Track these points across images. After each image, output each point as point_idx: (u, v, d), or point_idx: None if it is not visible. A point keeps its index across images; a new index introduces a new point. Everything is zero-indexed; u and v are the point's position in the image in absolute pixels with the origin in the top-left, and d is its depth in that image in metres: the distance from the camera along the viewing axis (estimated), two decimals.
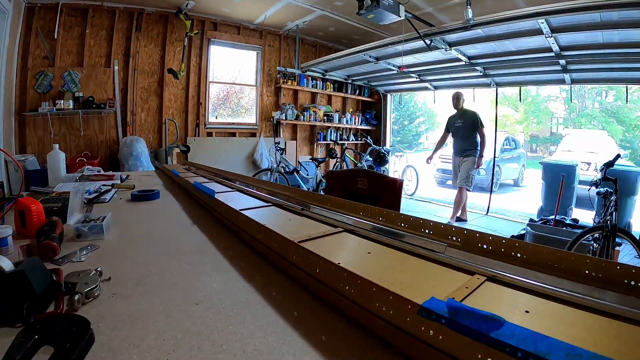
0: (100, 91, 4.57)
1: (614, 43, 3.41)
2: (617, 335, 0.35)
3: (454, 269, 0.53)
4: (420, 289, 0.47)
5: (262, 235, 0.65)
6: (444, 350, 0.31)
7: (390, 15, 3.15)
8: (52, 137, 4.21)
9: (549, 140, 16.60)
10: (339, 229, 0.74)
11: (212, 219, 0.94)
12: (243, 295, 0.50)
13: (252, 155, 5.76)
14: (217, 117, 5.79)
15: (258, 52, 5.91)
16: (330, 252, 0.63)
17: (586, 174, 5.59)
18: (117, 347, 0.38)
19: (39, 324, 0.38)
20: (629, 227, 4.03)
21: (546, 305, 0.42)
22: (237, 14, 5.26)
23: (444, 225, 0.64)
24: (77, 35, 4.42)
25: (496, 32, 3.79)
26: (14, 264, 0.46)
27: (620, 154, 2.90)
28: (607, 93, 14.21)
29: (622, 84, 4.89)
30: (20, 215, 0.78)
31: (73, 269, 0.56)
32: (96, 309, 0.46)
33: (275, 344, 0.38)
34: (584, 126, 13.97)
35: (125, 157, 4.38)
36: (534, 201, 5.14)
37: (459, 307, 0.31)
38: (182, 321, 0.43)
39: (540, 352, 0.25)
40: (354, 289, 0.42)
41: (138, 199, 1.21)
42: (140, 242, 0.77)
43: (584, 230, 2.74)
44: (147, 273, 0.58)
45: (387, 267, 0.56)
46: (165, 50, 5.03)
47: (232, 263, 0.62)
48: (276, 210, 0.95)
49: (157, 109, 5.09)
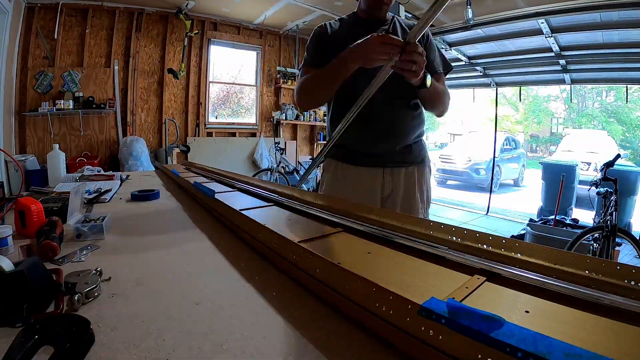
0: (100, 91, 4.58)
1: (614, 43, 3.41)
2: (617, 335, 0.35)
3: (454, 269, 0.53)
4: (420, 289, 0.47)
5: (262, 235, 0.65)
6: (444, 350, 0.31)
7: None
8: (52, 137, 4.21)
9: (549, 140, 16.61)
10: (339, 229, 0.74)
11: (212, 219, 0.94)
12: (243, 295, 0.50)
13: (252, 155, 5.77)
14: (217, 117, 5.80)
15: (258, 52, 5.92)
16: (330, 252, 0.63)
17: (586, 174, 5.59)
18: (117, 347, 0.38)
19: (39, 324, 0.38)
20: (629, 227, 4.04)
21: (546, 305, 0.42)
22: (237, 14, 5.27)
23: (444, 225, 0.64)
24: (77, 35, 4.42)
25: (496, 32, 3.79)
26: (14, 264, 0.46)
27: (620, 154, 2.90)
28: (607, 93, 14.22)
29: (622, 84, 4.90)
30: (20, 215, 0.78)
31: (73, 269, 0.56)
32: (96, 309, 0.46)
33: (276, 344, 0.38)
34: (584, 126, 13.98)
35: (125, 157, 4.39)
36: (534, 201, 5.14)
37: (459, 307, 0.31)
38: (182, 321, 0.43)
39: (540, 352, 0.25)
40: (354, 289, 0.42)
41: (138, 199, 1.21)
42: (140, 242, 0.77)
43: (584, 230, 2.75)
44: (147, 273, 0.58)
45: (387, 267, 0.56)
46: (165, 50, 5.03)
47: (232, 263, 0.62)
48: (276, 210, 0.95)
49: (157, 109, 5.10)
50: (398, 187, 1.17)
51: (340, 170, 1.21)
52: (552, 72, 4.43)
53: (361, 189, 1.15)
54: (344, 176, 1.19)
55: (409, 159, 1.18)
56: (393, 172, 1.17)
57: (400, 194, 1.17)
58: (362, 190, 1.15)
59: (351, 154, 1.19)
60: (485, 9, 3.42)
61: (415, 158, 1.20)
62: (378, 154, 1.16)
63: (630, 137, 13.21)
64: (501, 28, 3.59)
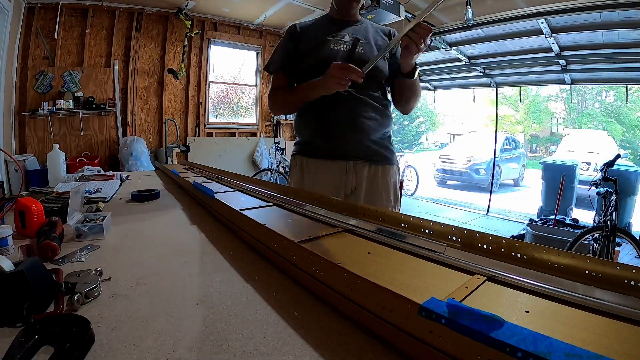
0: (100, 91, 4.58)
1: (614, 43, 3.41)
2: (617, 335, 0.35)
3: (453, 269, 0.53)
4: (420, 289, 0.47)
5: (262, 235, 0.65)
6: (444, 350, 0.31)
7: (390, 15, 3.15)
8: (52, 137, 4.21)
9: (549, 140, 16.62)
10: (339, 229, 0.74)
11: (212, 219, 0.94)
12: (243, 295, 0.50)
13: (252, 155, 5.77)
14: (217, 117, 5.80)
15: (258, 52, 5.92)
16: (330, 252, 0.63)
17: (586, 174, 5.59)
18: (117, 347, 0.38)
19: (39, 324, 0.38)
20: (629, 227, 4.04)
21: (546, 305, 0.42)
22: (237, 14, 5.27)
23: (444, 225, 0.64)
24: (77, 35, 4.42)
25: (496, 32, 3.79)
26: (14, 264, 0.46)
27: (620, 154, 2.90)
28: (607, 93, 14.22)
29: (622, 84, 4.90)
30: (20, 215, 0.78)
31: (73, 269, 0.56)
32: (96, 309, 0.46)
33: (276, 343, 0.38)
34: (584, 126, 13.98)
35: (125, 157, 4.39)
36: (534, 201, 5.15)
37: (459, 307, 0.31)
38: (182, 321, 0.43)
39: (540, 352, 0.25)
40: (354, 289, 0.42)
41: (138, 199, 1.21)
42: (140, 242, 0.77)
43: (584, 230, 2.75)
44: (147, 273, 0.58)
45: (387, 267, 0.56)
46: (165, 50, 5.03)
47: (232, 263, 0.62)
48: (276, 210, 0.95)
49: (157, 109, 5.10)
50: (361, 184, 1.16)
51: (305, 165, 1.21)
52: (552, 72, 4.43)
53: (325, 185, 1.15)
54: (309, 172, 1.20)
55: (373, 157, 1.17)
56: (357, 169, 1.15)
57: (363, 191, 1.16)
58: (326, 186, 1.14)
59: (315, 148, 1.19)
60: (485, 9, 3.42)
61: (380, 156, 1.18)
62: (340, 148, 1.15)
63: (630, 137, 13.21)
64: (501, 28, 3.59)
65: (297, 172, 1.24)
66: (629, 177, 3.96)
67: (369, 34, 1.19)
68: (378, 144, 1.18)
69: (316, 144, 1.19)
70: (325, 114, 1.14)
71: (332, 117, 1.13)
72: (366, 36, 1.18)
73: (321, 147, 1.17)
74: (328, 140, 1.16)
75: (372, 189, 1.17)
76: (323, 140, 1.17)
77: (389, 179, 1.20)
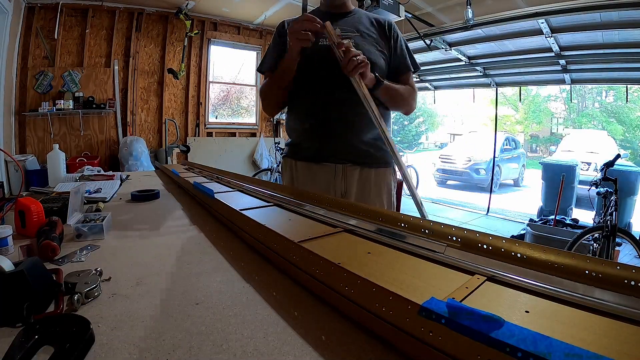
0: (100, 91, 4.58)
1: (614, 43, 3.41)
2: (617, 335, 0.35)
3: (453, 269, 0.53)
4: (420, 289, 0.47)
5: (262, 235, 0.65)
6: (444, 350, 0.31)
7: (390, 15, 3.15)
8: (52, 137, 4.21)
9: (549, 140, 16.61)
10: (339, 229, 0.74)
11: (212, 219, 0.94)
12: (243, 295, 0.50)
13: (252, 155, 5.77)
14: (217, 117, 5.80)
15: (258, 52, 5.92)
16: (330, 252, 0.63)
17: (586, 174, 5.60)
18: (117, 347, 0.38)
19: (39, 324, 0.38)
20: (629, 227, 4.04)
21: (546, 305, 0.42)
22: (237, 14, 5.27)
23: (444, 225, 0.64)
24: (77, 35, 4.42)
25: (496, 32, 3.79)
26: (14, 264, 0.46)
27: (620, 154, 2.90)
28: (607, 93, 14.22)
29: (622, 84, 4.90)
30: (20, 215, 0.78)
31: (73, 269, 0.56)
32: (96, 309, 0.46)
33: (276, 343, 0.38)
34: (584, 126, 13.98)
35: (125, 157, 4.39)
36: (534, 201, 5.15)
37: (459, 307, 0.31)
38: (182, 321, 0.43)
39: (540, 352, 0.25)
40: (354, 289, 0.42)
41: (138, 199, 1.21)
42: (140, 242, 0.77)
43: (584, 230, 2.75)
44: (147, 273, 0.58)
45: (387, 267, 0.56)
46: (165, 50, 5.03)
47: (232, 263, 0.62)
48: (276, 210, 0.95)
49: (157, 109, 5.10)
50: (351, 188, 1.11)
51: (294, 168, 1.19)
52: (552, 72, 4.43)
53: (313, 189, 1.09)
54: (297, 175, 1.18)
55: (364, 160, 1.12)
56: (346, 172, 1.11)
57: (354, 195, 1.11)
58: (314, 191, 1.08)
59: (302, 150, 1.16)
60: (485, 9, 3.43)
61: (371, 158, 1.12)
62: (328, 150, 1.11)
63: (630, 137, 13.21)
64: (501, 28, 3.59)
65: (287, 175, 1.22)
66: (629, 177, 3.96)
67: (361, 25, 1.13)
68: (369, 144, 1.11)
69: (304, 145, 1.16)
70: (315, 114, 1.10)
71: (321, 115, 1.09)
72: (358, 28, 1.12)
73: (309, 149, 1.14)
74: (315, 141, 1.12)
75: (364, 194, 1.11)
76: (310, 142, 1.13)
77: (383, 183, 1.14)
